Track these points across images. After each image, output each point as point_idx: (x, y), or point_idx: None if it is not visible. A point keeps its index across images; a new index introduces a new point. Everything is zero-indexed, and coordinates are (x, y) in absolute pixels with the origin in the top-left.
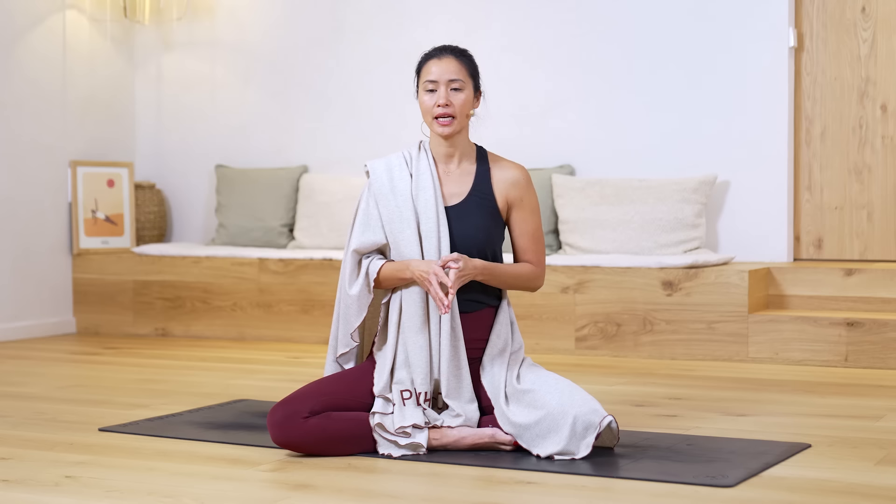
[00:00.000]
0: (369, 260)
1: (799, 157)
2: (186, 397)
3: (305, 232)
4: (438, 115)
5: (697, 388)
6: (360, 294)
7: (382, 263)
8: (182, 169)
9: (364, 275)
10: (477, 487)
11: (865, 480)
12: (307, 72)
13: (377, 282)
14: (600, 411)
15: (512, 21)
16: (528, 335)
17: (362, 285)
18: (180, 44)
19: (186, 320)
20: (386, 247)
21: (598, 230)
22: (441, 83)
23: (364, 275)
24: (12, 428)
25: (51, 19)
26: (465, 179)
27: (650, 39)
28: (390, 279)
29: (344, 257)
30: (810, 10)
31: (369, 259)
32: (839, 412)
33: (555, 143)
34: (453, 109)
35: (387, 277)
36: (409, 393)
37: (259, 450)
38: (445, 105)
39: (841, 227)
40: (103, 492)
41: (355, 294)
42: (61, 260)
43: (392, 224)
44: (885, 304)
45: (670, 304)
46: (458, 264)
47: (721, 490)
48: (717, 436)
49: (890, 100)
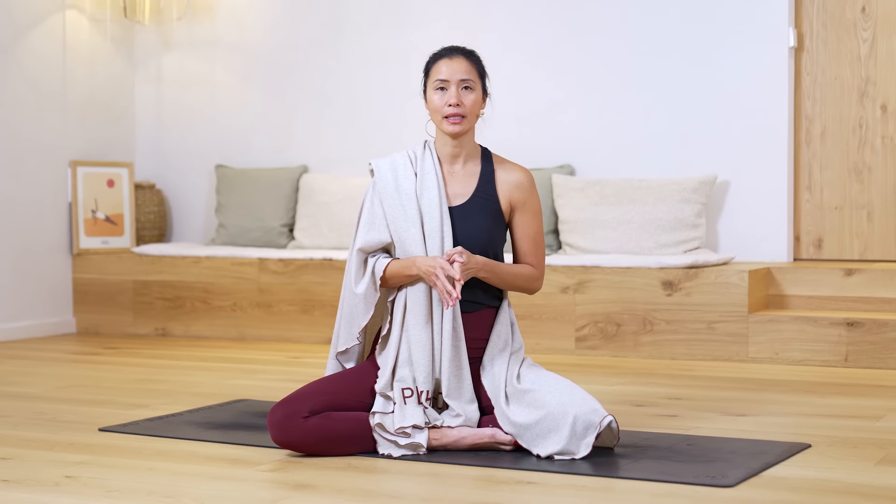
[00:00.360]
0: (375, 258)
1: (799, 157)
2: (186, 397)
3: (305, 232)
4: (449, 115)
5: (697, 388)
6: (367, 292)
7: (388, 261)
8: (182, 169)
9: (370, 273)
10: (477, 487)
11: (865, 480)
12: (307, 72)
13: (383, 280)
14: (600, 411)
15: (512, 21)
16: (528, 335)
17: (368, 283)
18: (180, 44)
19: (186, 320)
20: (391, 245)
21: (598, 230)
22: (452, 82)
23: (370, 273)
24: (12, 428)
25: (51, 19)
26: (470, 180)
27: (650, 39)
28: (397, 276)
29: (349, 256)
30: (810, 10)
31: (375, 258)
32: (839, 412)
33: (555, 143)
34: (464, 109)
35: (393, 275)
36: (411, 391)
37: (259, 450)
38: (457, 104)
39: (841, 227)
40: (103, 492)
41: (361, 292)
42: (61, 260)
43: (397, 223)
44: (885, 304)
45: (670, 304)
46: (462, 258)
47: (721, 490)
48: (717, 436)
49: (890, 100)
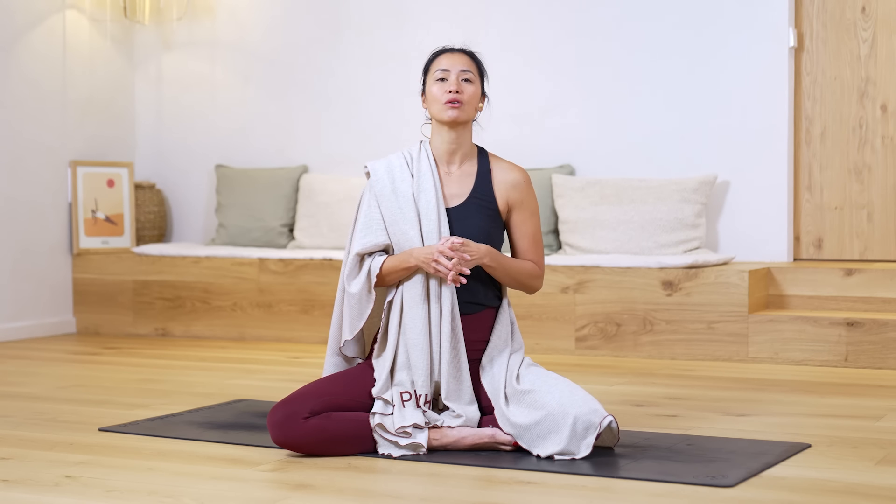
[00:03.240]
0: (371, 259)
1: (799, 157)
2: (186, 397)
3: (305, 232)
4: (448, 100)
5: (697, 388)
6: (361, 294)
7: (384, 258)
8: (182, 169)
9: (366, 273)
10: (477, 487)
11: (865, 480)
12: (307, 71)
13: (381, 278)
14: (601, 411)
15: (512, 21)
16: (528, 335)
17: (363, 284)
18: (180, 44)
19: (186, 320)
20: (389, 247)
21: (598, 230)
22: (453, 72)
23: (366, 273)
24: (12, 428)
25: (51, 19)
26: (466, 181)
27: (650, 39)
28: (394, 272)
29: (344, 260)
30: (810, 10)
31: (370, 258)
32: (839, 412)
33: (555, 143)
34: (463, 96)
35: (390, 271)
36: (409, 395)
37: (259, 450)
38: (456, 91)
39: (841, 227)
40: (103, 492)
41: (356, 292)
42: (61, 260)
43: (395, 225)
44: (885, 304)
45: (670, 304)
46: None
47: (721, 490)
48: (717, 436)
49: (890, 100)
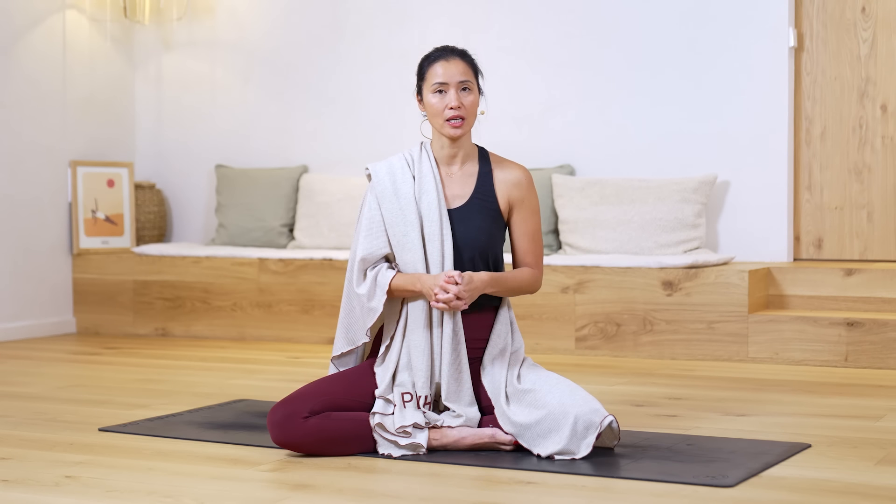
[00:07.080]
0: (376, 271)
1: (799, 157)
2: (186, 397)
3: (305, 232)
4: (451, 118)
5: (697, 388)
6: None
7: (394, 274)
8: (182, 169)
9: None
10: (477, 487)
11: (865, 480)
12: (307, 71)
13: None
14: (601, 411)
15: (511, 21)
16: (528, 335)
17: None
18: (180, 44)
19: (186, 320)
20: (392, 254)
21: (598, 230)
22: (451, 85)
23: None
24: (12, 428)
25: (51, 19)
26: (468, 181)
27: (650, 39)
28: (402, 291)
29: (350, 265)
30: (810, 10)
31: (375, 270)
32: (839, 412)
33: (554, 143)
34: (465, 111)
35: (398, 289)
36: (410, 396)
37: (259, 450)
38: (458, 107)
39: (841, 227)
40: (103, 492)
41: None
42: (61, 260)
43: (395, 227)
44: (885, 304)
45: (670, 304)
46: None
47: (721, 490)
48: (717, 436)
49: (890, 100)
